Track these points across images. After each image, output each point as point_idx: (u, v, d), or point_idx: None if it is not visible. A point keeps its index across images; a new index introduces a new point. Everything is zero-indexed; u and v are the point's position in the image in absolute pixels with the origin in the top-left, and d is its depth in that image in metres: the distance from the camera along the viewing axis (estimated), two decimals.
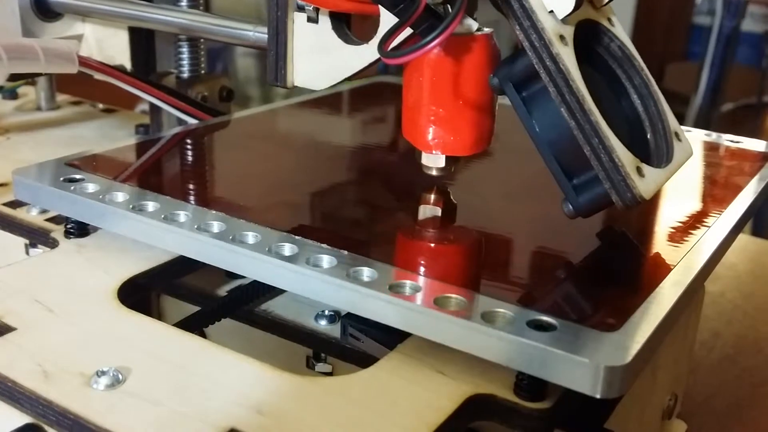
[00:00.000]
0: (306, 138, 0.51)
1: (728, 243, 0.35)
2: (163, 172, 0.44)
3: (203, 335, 0.39)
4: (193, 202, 0.37)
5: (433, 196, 0.37)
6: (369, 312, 0.29)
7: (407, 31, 0.31)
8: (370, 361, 0.30)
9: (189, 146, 0.47)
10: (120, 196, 0.36)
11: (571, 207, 0.32)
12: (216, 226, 0.33)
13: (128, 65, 0.55)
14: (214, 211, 0.35)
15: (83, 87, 0.61)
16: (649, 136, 0.34)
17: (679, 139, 0.35)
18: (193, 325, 0.36)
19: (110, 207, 0.35)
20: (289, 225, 0.34)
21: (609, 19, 0.35)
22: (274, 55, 0.38)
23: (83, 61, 0.48)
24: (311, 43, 0.37)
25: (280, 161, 0.46)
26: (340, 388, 0.28)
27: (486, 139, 0.35)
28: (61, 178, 0.38)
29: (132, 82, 0.51)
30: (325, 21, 0.37)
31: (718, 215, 0.36)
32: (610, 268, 0.34)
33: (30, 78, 0.61)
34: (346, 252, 0.31)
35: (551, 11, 0.30)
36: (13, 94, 0.66)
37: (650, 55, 0.34)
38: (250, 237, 0.33)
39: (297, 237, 0.32)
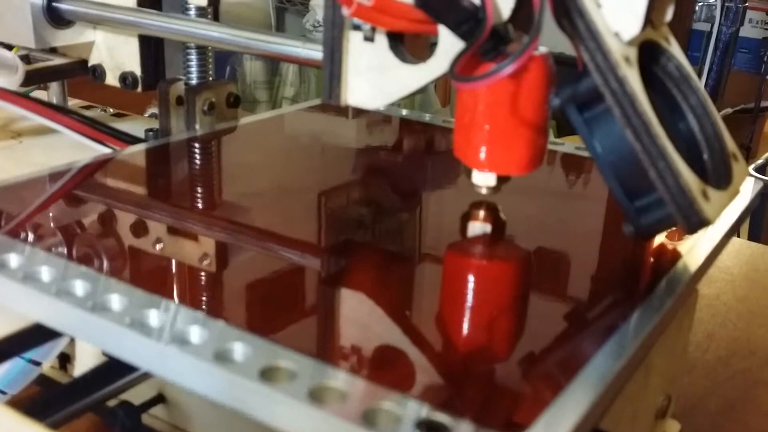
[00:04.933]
0: (223, 173, 0.46)
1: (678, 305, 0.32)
2: (46, 216, 0.37)
3: None
4: (65, 255, 0.32)
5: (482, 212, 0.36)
6: (241, 404, 0.24)
7: (455, 40, 0.31)
8: None
9: (89, 183, 0.42)
10: None
11: (632, 229, 0.32)
12: (80, 288, 0.28)
13: (138, 72, 0.56)
14: (83, 268, 0.30)
15: (94, 92, 0.63)
16: (705, 157, 0.34)
17: (737, 160, 0.34)
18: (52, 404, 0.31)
19: None
20: (172, 285, 0.30)
21: (666, 39, 0.34)
22: (329, 74, 0.37)
23: None
24: (367, 63, 0.37)
25: (186, 201, 0.41)
26: None
27: (539, 159, 0.34)
28: None
29: (39, 110, 0.50)
30: (381, 40, 0.36)
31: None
32: (535, 338, 0.29)
33: (42, 83, 0.63)
34: (222, 322, 0.26)
35: (616, 33, 0.30)
36: None
37: None
38: (115, 302, 0.27)
39: (172, 302, 0.27)
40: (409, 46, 0.37)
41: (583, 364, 0.25)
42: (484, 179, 0.34)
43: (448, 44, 0.33)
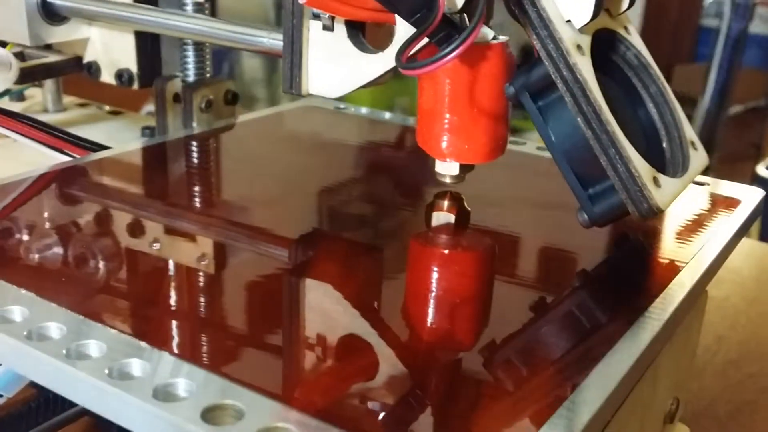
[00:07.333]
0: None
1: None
2: None
3: None
4: (5, 278, 0.28)
5: (446, 203, 0.35)
6: None
7: (425, 40, 0.31)
8: None
9: (44, 195, 0.38)
10: None
11: (586, 217, 0.32)
12: (17, 314, 0.26)
13: (134, 69, 0.55)
14: (23, 291, 0.27)
15: (90, 89, 0.62)
16: (664, 145, 0.34)
17: (695, 148, 0.35)
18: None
19: None
20: (117, 313, 0.28)
21: (625, 28, 0.35)
22: (289, 63, 0.38)
23: None
24: (326, 52, 0.37)
25: (143, 218, 0.37)
26: None
27: (501, 147, 0.34)
28: None
29: None
30: (340, 29, 0.36)
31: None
32: (542, 342, 0.28)
33: (37, 80, 0.62)
34: (166, 354, 0.24)
35: (568, 21, 0.30)
36: (20, 96, 0.67)
37: (658, 56, 0.34)
38: (53, 330, 0.25)
39: (112, 330, 0.25)
40: (371, 35, 0.37)
41: (590, 367, 0.25)
42: (446, 168, 0.35)
43: (406, 33, 0.33)
